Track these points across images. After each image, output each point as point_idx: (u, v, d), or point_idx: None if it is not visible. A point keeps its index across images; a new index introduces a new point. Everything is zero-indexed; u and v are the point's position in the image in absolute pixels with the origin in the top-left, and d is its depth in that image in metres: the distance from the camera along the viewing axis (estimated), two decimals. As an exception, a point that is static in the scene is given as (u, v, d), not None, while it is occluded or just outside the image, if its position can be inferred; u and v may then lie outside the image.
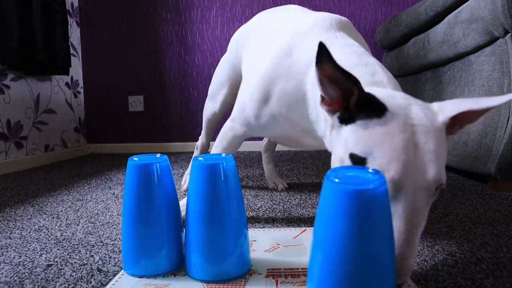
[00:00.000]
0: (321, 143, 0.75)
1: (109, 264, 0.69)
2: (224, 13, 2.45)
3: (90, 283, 0.61)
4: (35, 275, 0.65)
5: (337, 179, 0.43)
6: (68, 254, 0.74)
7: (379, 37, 2.14)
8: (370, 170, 0.45)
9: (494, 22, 1.11)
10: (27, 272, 0.66)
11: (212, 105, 1.22)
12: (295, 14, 0.91)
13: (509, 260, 0.66)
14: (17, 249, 0.78)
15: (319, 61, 0.49)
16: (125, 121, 2.60)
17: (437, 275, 0.61)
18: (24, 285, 0.61)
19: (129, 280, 0.61)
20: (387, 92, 0.55)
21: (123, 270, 0.65)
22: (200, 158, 0.61)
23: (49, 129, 2.19)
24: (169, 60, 2.51)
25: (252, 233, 0.82)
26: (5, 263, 0.71)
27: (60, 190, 1.36)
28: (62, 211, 1.08)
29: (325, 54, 0.47)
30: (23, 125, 1.98)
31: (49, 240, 0.83)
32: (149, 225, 0.62)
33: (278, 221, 0.92)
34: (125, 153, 2.54)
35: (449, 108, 0.52)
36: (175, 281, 0.61)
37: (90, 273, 0.65)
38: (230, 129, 0.92)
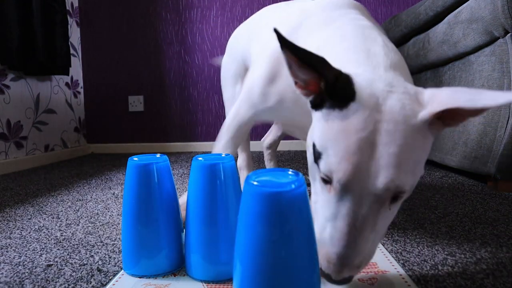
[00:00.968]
0: None
1: (109, 264, 0.69)
2: (224, 13, 2.45)
3: (90, 283, 0.61)
4: (35, 275, 0.65)
5: (255, 182, 0.43)
6: (68, 254, 0.74)
7: (379, 37, 2.13)
8: (290, 172, 0.47)
9: (494, 22, 1.11)
10: (27, 272, 0.66)
11: (241, 112, 1.05)
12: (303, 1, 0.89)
13: (509, 260, 0.66)
14: (17, 249, 0.78)
15: (281, 47, 0.46)
16: (125, 121, 2.60)
17: (437, 275, 0.61)
18: (24, 285, 0.61)
19: (129, 280, 0.61)
20: (372, 76, 0.49)
21: (123, 270, 0.65)
22: (200, 158, 0.61)
23: (49, 129, 2.19)
24: (169, 60, 2.51)
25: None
26: (5, 263, 0.71)
27: (60, 190, 1.36)
28: (62, 211, 1.08)
29: (283, 40, 0.45)
30: (23, 125, 1.98)
31: (49, 240, 0.83)
32: (149, 225, 0.62)
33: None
34: (125, 153, 2.54)
35: (437, 101, 0.44)
36: (175, 281, 0.61)
37: (90, 273, 0.65)
38: (235, 117, 0.88)
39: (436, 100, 0.44)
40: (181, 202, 0.77)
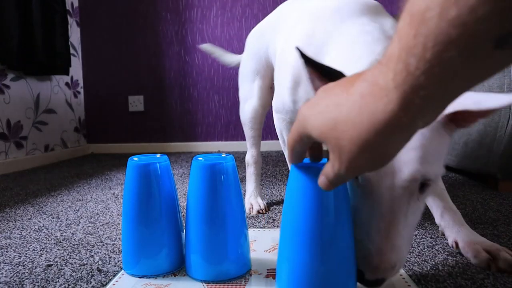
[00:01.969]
0: None
1: (109, 264, 0.69)
2: (224, 13, 2.45)
3: (90, 283, 0.61)
4: (35, 275, 0.65)
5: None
6: (68, 254, 0.74)
7: (379, 37, 2.13)
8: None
9: (494, 22, 1.11)
10: (27, 272, 0.66)
11: (250, 102, 1.10)
12: None
13: (510, 260, 0.66)
14: (17, 249, 0.78)
15: (305, 64, 0.49)
16: (125, 121, 2.60)
17: (438, 275, 0.61)
18: (24, 285, 0.61)
19: (129, 280, 0.61)
20: None
21: (123, 270, 0.65)
22: (200, 158, 0.61)
23: (49, 129, 2.19)
24: (169, 60, 2.51)
25: (252, 233, 0.82)
26: (5, 263, 0.71)
27: (60, 190, 1.36)
28: (62, 211, 1.08)
29: (305, 58, 0.48)
30: (23, 125, 1.98)
31: (49, 240, 0.83)
32: (149, 225, 0.62)
33: (278, 221, 0.92)
34: (125, 153, 2.54)
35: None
36: (175, 281, 0.60)
37: (90, 273, 0.65)
38: (280, 120, 0.94)
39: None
40: None
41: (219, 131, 2.51)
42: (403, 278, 0.60)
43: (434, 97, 0.27)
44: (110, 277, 0.63)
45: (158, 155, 0.65)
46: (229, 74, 2.43)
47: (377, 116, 0.29)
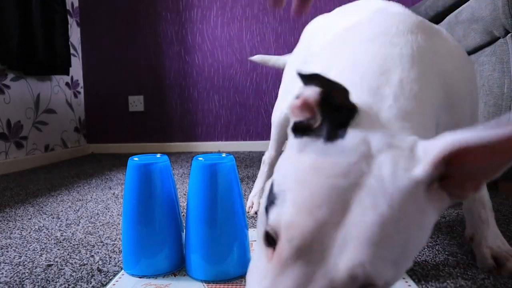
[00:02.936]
0: None
1: (109, 264, 0.69)
2: (224, 13, 2.45)
3: (90, 283, 0.61)
4: (35, 275, 0.65)
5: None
6: (68, 254, 0.74)
7: (379, 37, 2.13)
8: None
9: (495, 22, 1.11)
10: (27, 272, 0.66)
11: (284, 105, 0.98)
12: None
13: (510, 260, 0.66)
14: (17, 249, 0.78)
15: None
16: (125, 121, 2.60)
17: (438, 275, 0.61)
18: (24, 285, 0.61)
19: (129, 280, 0.61)
20: (371, 121, 0.36)
21: (123, 270, 0.65)
22: (200, 158, 0.61)
23: (49, 129, 2.19)
24: (169, 60, 2.51)
25: (252, 233, 0.82)
26: (5, 263, 0.71)
27: (60, 190, 1.36)
28: (62, 211, 1.08)
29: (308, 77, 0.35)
30: (23, 125, 1.98)
31: (49, 240, 0.83)
32: (149, 225, 0.62)
33: (278, 221, 0.92)
34: (125, 153, 2.53)
35: (434, 147, 0.31)
36: (175, 281, 0.60)
37: (90, 273, 0.65)
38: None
39: (432, 148, 0.32)
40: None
41: (219, 131, 2.51)
42: (404, 278, 0.60)
43: None
44: (110, 277, 0.63)
45: (158, 155, 0.65)
46: (229, 74, 2.43)
47: None
